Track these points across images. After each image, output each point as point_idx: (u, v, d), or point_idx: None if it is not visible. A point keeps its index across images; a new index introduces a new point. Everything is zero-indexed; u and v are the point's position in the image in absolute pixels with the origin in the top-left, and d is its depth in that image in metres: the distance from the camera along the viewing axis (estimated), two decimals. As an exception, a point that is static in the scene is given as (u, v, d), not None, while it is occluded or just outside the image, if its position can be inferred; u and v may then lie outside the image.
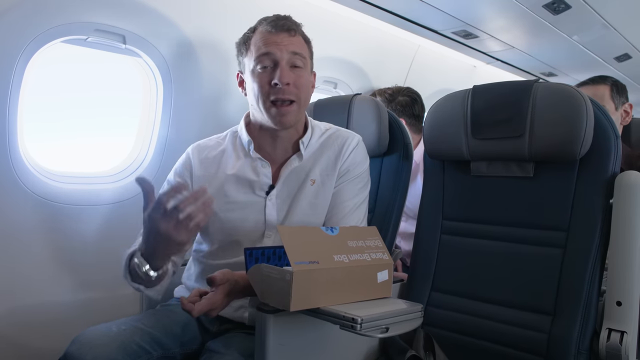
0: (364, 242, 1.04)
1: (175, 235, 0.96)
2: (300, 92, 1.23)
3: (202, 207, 0.95)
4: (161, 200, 0.93)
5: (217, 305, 1.03)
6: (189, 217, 0.94)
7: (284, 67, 1.20)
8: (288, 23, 1.22)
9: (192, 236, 0.99)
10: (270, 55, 1.20)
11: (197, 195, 0.94)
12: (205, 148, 1.34)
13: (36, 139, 1.62)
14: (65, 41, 1.50)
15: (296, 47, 1.22)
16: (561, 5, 2.04)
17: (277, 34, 1.21)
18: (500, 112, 1.23)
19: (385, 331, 0.90)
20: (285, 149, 1.30)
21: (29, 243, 1.53)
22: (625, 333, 1.06)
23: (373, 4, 2.01)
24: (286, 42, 1.21)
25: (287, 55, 1.20)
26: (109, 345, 1.03)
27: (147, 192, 0.97)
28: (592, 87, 1.89)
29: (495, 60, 2.96)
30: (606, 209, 1.12)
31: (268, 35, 1.21)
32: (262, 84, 1.21)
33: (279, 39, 1.20)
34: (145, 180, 0.98)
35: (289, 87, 1.20)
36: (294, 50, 1.21)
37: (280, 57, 1.20)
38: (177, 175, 1.31)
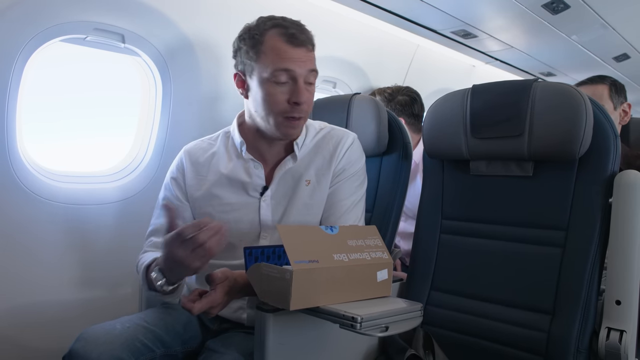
0: (364, 241, 1.04)
1: (190, 262, 0.98)
2: (309, 108, 1.23)
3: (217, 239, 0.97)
4: (182, 232, 0.96)
5: (216, 304, 1.03)
6: (203, 248, 0.96)
7: (302, 87, 1.17)
8: (307, 37, 1.19)
9: (206, 263, 1.01)
10: (290, 72, 1.16)
11: (215, 228, 0.97)
12: (197, 150, 1.33)
13: (35, 138, 1.62)
14: (64, 40, 1.50)
15: (313, 64, 1.20)
16: (560, 5, 2.05)
17: (296, 48, 1.16)
18: (500, 111, 1.23)
19: (384, 330, 0.90)
20: (279, 151, 1.29)
21: (28, 242, 1.53)
22: (625, 332, 1.06)
23: (372, 3, 2.01)
24: (305, 58, 1.17)
25: (306, 72, 1.18)
26: (113, 343, 1.04)
27: (170, 219, 1.01)
28: (591, 86, 1.89)
29: (494, 60, 2.97)
30: (605, 208, 1.12)
31: (286, 47, 1.16)
32: (278, 100, 1.17)
33: (297, 55, 1.16)
34: (170, 208, 1.02)
35: (304, 105, 1.19)
36: (311, 68, 1.19)
37: (300, 74, 1.17)
38: (173, 178, 1.32)
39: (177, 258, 0.98)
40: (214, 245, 0.97)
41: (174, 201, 1.29)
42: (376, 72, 2.47)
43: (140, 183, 1.75)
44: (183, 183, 1.30)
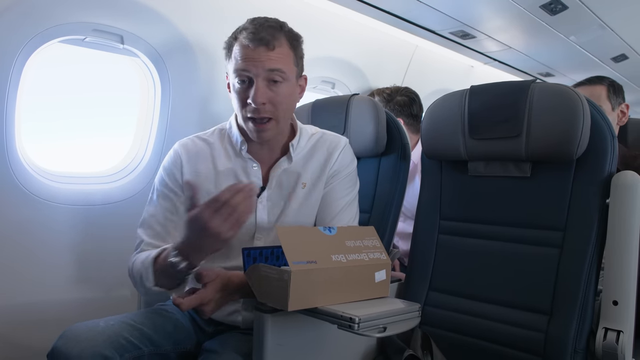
0: (362, 241, 1.04)
1: (224, 230, 0.98)
2: (277, 109, 1.19)
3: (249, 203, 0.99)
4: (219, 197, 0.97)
5: (207, 301, 1.02)
6: (234, 211, 0.98)
7: (260, 86, 1.15)
8: (267, 36, 1.16)
9: (237, 232, 1.01)
10: (246, 72, 1.16)
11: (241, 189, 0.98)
12: (192, 145, 1.31)
13: (34, 139, 1.62)
14: (63, 41, 1.50)
15: (274, 62, 1.16)
16: (558, 6, 2.05)
17: (255, 48, 1.15)
18: (498, 112, 1.23)
19: (382, 331, 0.90)
20: (273, 151, 1.29)
21: (27, 243, 1.53)
22: (622, 332, 1.06)
23: (371, 4, 2.01)
24: (264, 57, 1.15)
25: (264, 72, 1.15)
26: (95, 339, 1.02)
27: (193, 195, 1.01)
28: (589, 87, 1.89)
29: (493, 61, 2.97)
30: (602, 209, 1.12)
31: (245, 49, 1.16)
32: (238, 101, 1.20)
33: (256, 55, 1.15)
34: (192, 184, 1.03)
35: (265, 106, 1.17)
36: (271, 67, 1.15)
37: (256, 74, 1.15)
38: (167, 174, 1.28)
39: (210, 227, 0.97)
40: (247, 209, 0.98)
41: (169, 195, 1.26)
42: (375, 72, 2.48)
43: (139, 183, 1.75)
44: (179, 174, 1.27)
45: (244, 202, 0.97)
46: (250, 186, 0.99)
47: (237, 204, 0.97)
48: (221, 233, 0.98)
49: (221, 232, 0.98)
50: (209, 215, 0.97)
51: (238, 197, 0.97)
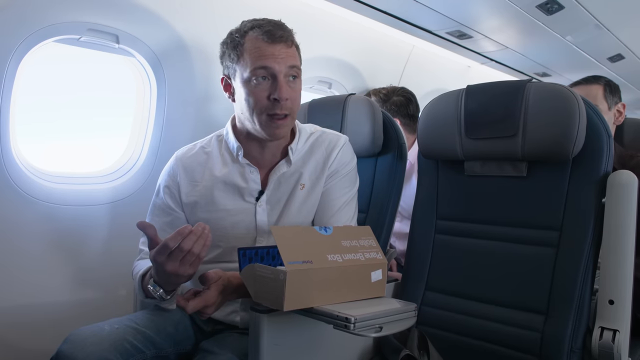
0: (358, 241, 1.04)
1: (181, 271, 0.99)
2: (294, 105, 1.21)
3: (202, 242, 0.98)
4: (167, 244, 0.96)
5: (210, 303, 1.03)
6: (191, 254, 0.97)
7: (283, 82, 1.16)
8: (285, 34, 1.18)
9: (196, 267, 1.02)
10: (268, 69, 1.15)
11: (198, 232, 0.97)
12: (189, 156, 1.31)
13: (29, 139, 1.61)
14: (58, 41, 1.50)
15: (293, 59, 1.19)
16: (554, 6, 2.05)
17: (274, 45, 1.16)
18: (494, 111, 1.23)
19: (378, 330, 0.90)
20: (274, 155, 1.28)
21: (23, 244, 1.52)
22: (618, 331, 1.06)
23: (367, 4, 2.01)
24: (284, 54, 1.17)
25: (285, 68, 1.17)
26: (100, 344, 1.03)
27: (150, 236, 1.00)
28: (585, 86, 1.89)
29: (490, 61, 2.97)
30: (598, 208, 1.12)
31: (264, 45, 1.16)
32: (258, 98, 1.17)
33: (276, 51, 1.16)
34: (147, 225, 1.00)
35: (287, 102, 1.18)
36: (292, 64, 1.18)
37: (279, 70, 1.16)
38: (165, 187, 1.30)
39: (167, 270, 0.98)
40: (200, 249, 0.97)
41: (166, 210, 1.29)
42: (372, 72, 2.48)
43: (135, 184, 1.74)
44: (177, 191, 1.29)
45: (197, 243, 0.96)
46: (202, 226, 0.98)
47: (189, 248, 0.96)
48: (180, 273, 0.99)
49: (179, 272, 0.98)
50: (163, 260, 0.97)
51: (188, 241, 0.95)
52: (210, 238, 1.00)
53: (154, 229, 1.00)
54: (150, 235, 0.99)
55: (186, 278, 1.02)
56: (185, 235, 0.95)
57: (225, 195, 1.26)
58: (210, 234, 0.99)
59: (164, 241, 0.96)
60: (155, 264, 1.00)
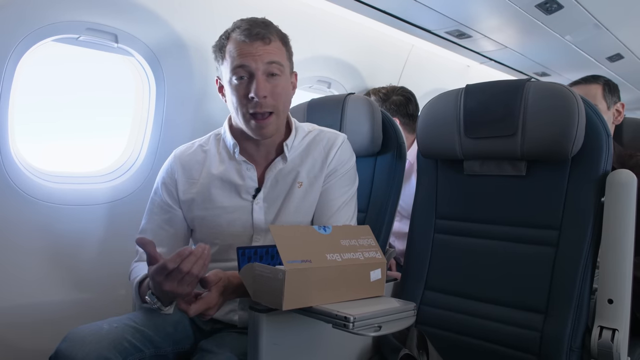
0: (357, 241, 1.04)
1: (179, 290, 0.98)
2: (278, 102, 1.20)
3: (201, 263, 0.97)
4: (167, 266, 0.95)
5: (212, 305, 1.03)
6: (190, 275, 0.96)
7: (260, 79, 1.16)
8: (262, 31, 1.18)
9: (194, 286, 1.01)
10: (246, 67, 1.16)
11: (197, 254, 0.96)
12: (187, 154, 1.32)
13: (28, 139, 1.61)
14: (57, 40, 1.50)
15: (272, 55, 1.18)
16: (554, 5, 2.05)
17: (251, 43, 1.16)
18: (493, 111, 1.23)
19: (378, 330, 0.90)
20: (269, 152, 1.29)
21: (22, 243, 1.52)
22: (617, 330, 1.06)
23: (367, 3, 2.01)
24: (261, 51, 1.17)
25: (263, 65, 1.17)
26: (100, 343, 1.03)
27: (149, 253, 0.99)
28: (585, 86, 1.89)
29: (489, 60, 2.97)
30: (598, 208, 1.12)
31: (242, 45, 1.17)
32: (238, 98, 1.19)
33: (253, 49, 1.16)
34: (146, 242, 0.99)
35: (266, 99, 1.17)
36: (270, 60, 1.17)
37: (256, 68, 1.16)
38: (163, 186, 1.30)
39: (165, 289, 0.98)
40: (199, 270, 0.96)
41: (164, 207, 1.29)
42: (371, 72, 2.48)
43: (134, 183, 1.74)
44: (174, 188, 1.29)
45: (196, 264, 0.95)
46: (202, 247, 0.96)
47: (188, 270, 0.95)
48: (177, 292, 0.98)
49: (177, 292, 0.98)
50: (161, 280, 0.97)
51: (187, 263, 0.94)
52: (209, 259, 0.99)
53: (153, 245, 0.99)
54: (149, 252, 0.98)
55: (182, 296, 1.02)
56: (184, 257, 0.94)
57: (222, 192, 1.26)
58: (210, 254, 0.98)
59: (163, 262, 0.95)
60: (153, 281, 1.00)
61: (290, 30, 1.27)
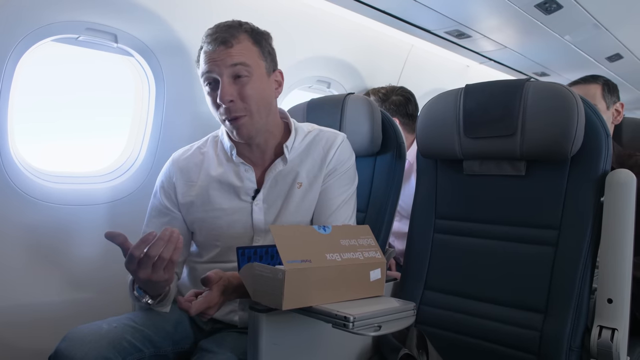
0: (357, 240, 1.04)
1: (154, 277, 0.98)
2: (249, 103, 1.18)
3: (171, 246, 0.96)
4: (133, 254, 0.95)
5: (213, 304, 1.03)
6: (161, 259, 0.96)
7: (225, 84, 1.15)
8: (223, 34, 1.17)
9: (172, 271, 1.01)
10: (211, 74, 1.17)
11: (165, 237, 0.95)
12: (185, 156, 1.32)
13: (28, 139, 1.61)
14: (56, 40, 1.49)
15: (235, 57, 1.16)
16: (553, 5, 2.06)
17: (215, 50, 1.16)
18: (492, 111, 1.23)
19: (377, 329, 0.90)
20: (267, 154, 1.28)
21: (21, 243, 1.52)
22: (616, 330, 1.06)
23: (366, 3, 2.01)
24: (223, 55, 1.16)
25: (227, 69, 1.15)
26: (99, 342, 1.03)
27: (120, 244, 0.98)
28: (584, 86, 1.90)
29: (488, 60, 2.97)
30: (597, 207, 1.12)
31: (208, 52, 1.18)
32: (212, 104, 1.21)
33: (216, 55, 1.16)
34: (115, 235, 0.97)
35: (234, 103, 1.17)
36: (233, 62, 1.15)
37: (219, 73, 1.16)
38: (162, 190, 1.31)
39: (141, 278, 0.98)
40: (170, 253, 0.96)
41: (164, 211, 1.30)
42: (370, 72, 2.48)
43: (134, 183, 1.74)
44: (173, 192, 1.29)
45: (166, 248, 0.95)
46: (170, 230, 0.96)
47: (157, 254, 0.94)
48: (153, 279, 0.98)
49: (153, 279, 0.98)
50: (134, 269, 0.97)
51: (155, 247, 0.94)
52: (182, 240, 0.98)
53: (123, 237, 0.98)
54: (120, 244, 0.98)
55: (164, 283, 1.01)
56: (149, 242, 0.94)
57: (221, 194, 1.26)
58: (180, 236, 0.98)
59: (130, 252, 0.95)
60: (130, 272, 1.00)
61: (290, 30, 1.27)
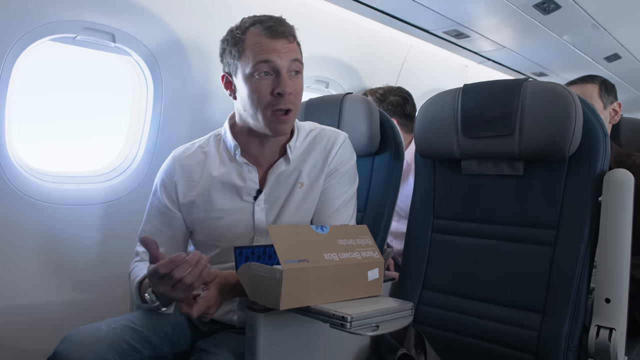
0: (355, 240, 1.03)
1: (172, 295, 0.98)
2: (297, 100, 1.21)
3: (197, 272, 0.96)
4: (157, 270, 0.95)
5: (212, 303, 1.03)
6: (182, 283, 0.96)
7: (286, 76, 1.16)
8: (286, 29, 1.18)
9: (190, 292, 1.01)
10: (271, 63, 1.15)
11: (192, 262, 0.95)
12: (187, 155, 1.31)
13: (25, 139, 1.61)
14: (54, 39, 1.49)
15: (296, 54, 1.19)
16: (551, 5, 2.06)
17: (276, 40, 1.16)
18: (490, 110, 1.23)
19: (375, 329, 0.89)
20: (272, 153, 1.28)
21: (19, 243, 1.52)
22: (614, 330, 1.06)
23: (365, 3, 2.01)
24: (286, 49, 1.17)
25: (288, 63, 1.16)
26: (98, 344, 1.03)
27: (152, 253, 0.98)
28: (581, 86, 1.90)
29: (487, 60, 2.98)
30: (595, 207, 1.12)
31: (266, 41, 1.16)
32: (262, 93, 1.16)
33: (278, 46, 1.16)
34: (150, 242, 0.98)
35: (290, 96, 1.17)
36: (294, 58, 1.18)
37: (282, 65, 1.16)
38: (162, 188, 1.29)
39: (160, 291, 0.99)
40: (193, 280, 0.96)
41: (163, 210, 1.28)
42: (369, 72, 2.48)
43: (132, 183, 1.74)
44: (173, 190, 1.28)
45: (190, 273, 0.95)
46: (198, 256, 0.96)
47: (180, 277, 0.94)
48: (170, 295, 0.98)
49: (170, 295, 0.98)
50: (156, 282, 0.97)
51: (179, 270, 0.94)
52: (209, 268, 0.98)
53: (156, 244, 0.98)
54: (151, 252, 0.98)
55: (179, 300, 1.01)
56: (177, 263, 0.94)
57: (223, 195, 1.25)
58: (208, 265, 0.98)
59: (155, 266, 0.95)
60: (150, 281, 1.00)
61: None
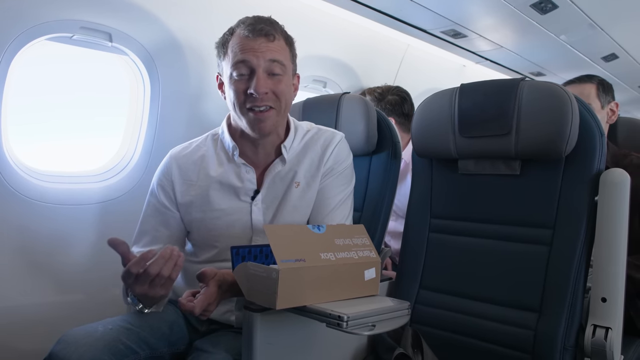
0: (351, 240, 1.03)
1: (151, 292, 0.98)
2: (279, 99, 1.19)
3: (171, 264, 0.96)
4: (130, 270, 0.94)
5: (212, 299, 1.03)
6: (160, 277, 0.95)
7: (261, 76, 1.15)
8: (267, 27, 1.16)
9: (169, 288, 1.00)
10: (247, 63, 1.15)
11: (165, 255, 0.95)
12: (184, 155, 1.30)
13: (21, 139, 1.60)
14: (50, 39, 1.49)
15: (275, 53, 1.17)
16: (548, 5, 2.06)
17: (255, 39, 1.15)
18: (487, 110, 1.23)
19: (371, 329, 0.89)
20: (268, 154, 1.28)
21: (16, 243, 1.51)
22: (610, 329, 1.06)
23: (362, 3, 2.01)
24: (264, 48, 1.15)
25: (265, 63, 1.15)
26: (94, 345, 1.02)
27: (121, 254, 0.97)
28: (579, 85, 1.90)
29: (484, 60, 2.98)
30: (591, 206, 1.13)
31: (245, 40, 1.16)
32: (238, 92, 1.17)
33: (256, 45, 1.15)
34: (118, 243, 0.97)
35: (267, 95, 1.16)
36: (272, 58, 1.16)
37: (257, 64, 1.15)
38: (159, 188, 1.29)
39: (137, 292, 0.98)
40: (169, 272, 0.95)
41: (160, 209, 1.28)
42: (366, 71, 2.48)
43: (129, 183, 1.73)
44: (171, 190, 1.28)
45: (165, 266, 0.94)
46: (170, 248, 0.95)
47: (156, 272, 0.94)
48: (150, 294, 0.98)
49: (149, 294, 0.98)
50: (131, 283, 0.96)
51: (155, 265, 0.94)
52: (183, 258, 0.98)
53: (126, 245, 0.97)
54: (121, 253, 0.97)
55: (158, 298, 1.01)
56: (149, 259, 0.93)
57: (221, 195, 1.25)
58: (181, 254, 0.97)
59: (127, 267, 0.94)
60: (125, 284, 1.00)
61: (286, 29, 1.27)
